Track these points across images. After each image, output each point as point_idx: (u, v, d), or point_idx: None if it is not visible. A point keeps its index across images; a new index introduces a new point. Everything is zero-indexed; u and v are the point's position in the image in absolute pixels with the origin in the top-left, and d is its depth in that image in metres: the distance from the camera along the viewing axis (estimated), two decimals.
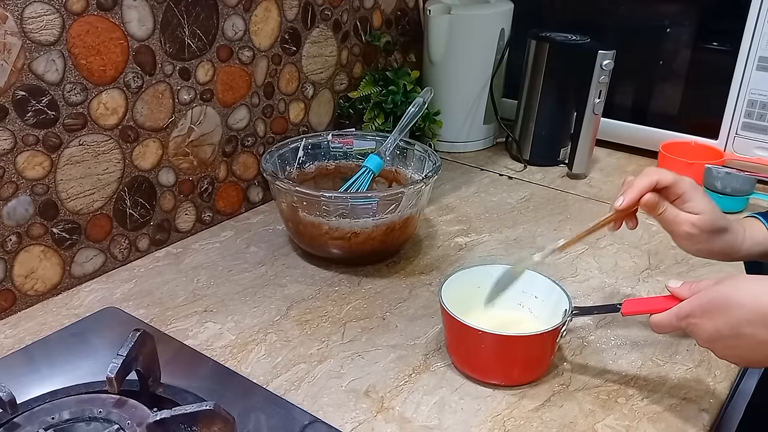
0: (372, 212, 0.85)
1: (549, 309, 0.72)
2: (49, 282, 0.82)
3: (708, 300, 0.57)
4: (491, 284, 0.73)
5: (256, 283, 0.86)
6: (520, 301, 0.75)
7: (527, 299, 0.75)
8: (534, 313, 0.75)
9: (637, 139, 1.28)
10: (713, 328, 0.56)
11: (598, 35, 1.17)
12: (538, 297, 0.74)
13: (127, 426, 0.57)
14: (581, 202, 1.11)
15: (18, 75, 0.73)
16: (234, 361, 0.72)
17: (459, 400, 0.67)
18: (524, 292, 0.75)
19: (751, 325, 0.54)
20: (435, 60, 1.24)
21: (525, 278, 0.74)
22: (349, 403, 0.66)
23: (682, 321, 0.59)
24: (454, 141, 1.30)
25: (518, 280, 0.73)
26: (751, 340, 0.55)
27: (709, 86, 1.17)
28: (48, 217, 0.79)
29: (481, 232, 1.00)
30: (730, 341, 0.56)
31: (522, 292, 0.75)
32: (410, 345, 0.75)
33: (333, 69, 1.15)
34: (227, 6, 0.93)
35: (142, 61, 0.84)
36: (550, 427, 0.64)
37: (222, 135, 0.98)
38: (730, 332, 0.55)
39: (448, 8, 1.20)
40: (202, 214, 0.99)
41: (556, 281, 0.73)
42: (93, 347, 0.73)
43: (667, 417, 0.65)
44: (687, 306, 0.59)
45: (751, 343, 0.55)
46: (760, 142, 1.14)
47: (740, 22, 1.10)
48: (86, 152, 0.81)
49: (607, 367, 0.72)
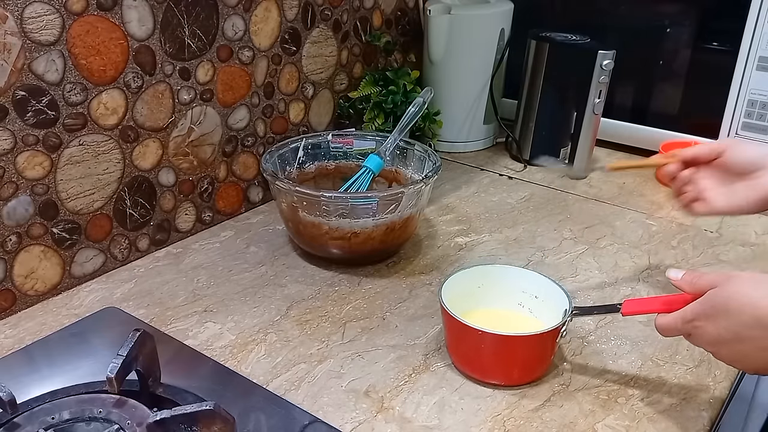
0: (372, 212, 0.85)
1: (549, 309, 0.72)
2: (49, 282, 0.82)
3: (711, 305, 0.57)
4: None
5: (256, 283, 0.86)
6: (520, 301, 0.75)
7: (527, 299, 0.75)
8: (534, 313, 0.75)
9: (637, 139, 1.27)
10: (716, 331, 0.56)
11: (598, 35, 1.17)
12: (539, 297, 0.74)
13: (127, 426, 0.57)
14: (581, 202, 1.11)
15: (18, 75, 0.73)
16: (234, 361, 0.72)
17: (459, 400, 0.67)
18: (524, 292, 0.75)
19: (751, 330, 0.54)
20: (435, 60, 1.25)
21: (525, 278, 0.75)
22: (349, 403, 0.66)
23: (687, 324, 0.59)
24: (454, 141, 1.30)
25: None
26: (752, 345, 0.54)
27: (709, 86, 1.17)
28: (48, 217, 0.79)
29: (481, 232, 1.00)
30: (733, 346, 0.56)
31: (522, 291, 0.75)
32: (410, 345, 0.75)
33: (333, 69, 1.15)
34: (227, 6, 0.93)
35: (142, 61, 0.84)
36: (550, 427, 0.64)
37: (222, 135, 0.98)
38: (732, 337, 0.55)
39: (448, 8, 1.20)
40: (202, 214, 0.99)
41: (555, 281, 0.73)
42: (93, 347, 0.73)
43: (667, 417, 0.65)
44: (691, 310, 0.59)
45: (752, 348, 0.55)
46: (760, 142, 1.14)
47: (740, 22, 1.10)
48: (86, 152, 0.81)
49: (607, 367, 0.72)
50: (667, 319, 0.61)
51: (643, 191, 1.15)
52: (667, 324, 0.61)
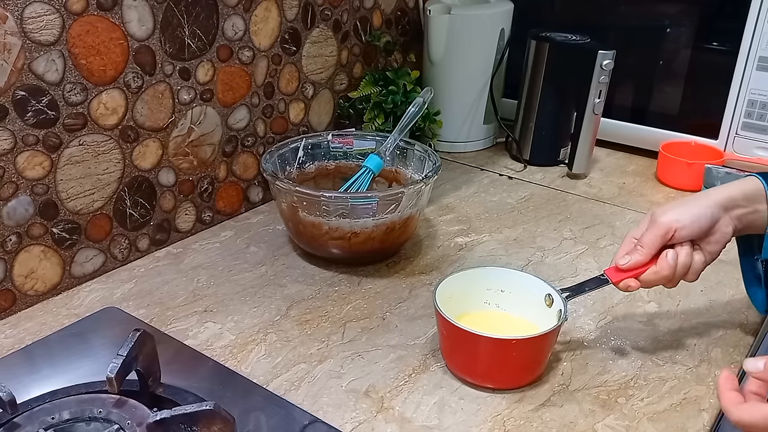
0: (372, 212, 0.85)
1: (521, 301, 0.73)
2: (49, 282, 0.82)
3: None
4: None
5: (256, 283, 0.86)
6: (486, 300, 0.75)
7: (493, 296, 0.75)
8: (502, 308, 0.75)
9: (637, 139, 1.28)
10: None
11: (598, 35, 1.17)
12: (505, 291, 0.75)
13: (127, 426, 0.57)
14: (581, 202, 1.11)
15: (18, 75, 0.73)
16: (234, 361, 0.72)
17: (459, 400, 0.67)
18: (489, 290, 0.75)
19: None
20: (435, 60, 1.24)
21: (489, 276, 0.75)
22: (349, 403, 0.66)
23: None
24: (454, 141, 1.30)
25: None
26: None
27: (709, 86, 1.17)
28: (48, 217, 0.79)
29: (481, 232, 1.00)
30: None
31: (486, 289, 0.75)
32: (410, 345, 0.75)
33: (333, 69, 1.15)
34: (227, 6, 0.93)
35: (142, 61, 0.84)
36: (550, 427, 0.64)
37: (222, 135, 0.98)
38: None
39: (448, 8, 1.20)
40: (202, 214, 0.99)
41: (524, 271, 0.73)
42: (93, 347, 0.73)
43: (667, 417, 0.65)
44: None
45: None
46: (760, 142, 1.14)
47: (740, 22, 1.10)
48: (86, 152, 0.81)
49: (607, 367, 0.72)
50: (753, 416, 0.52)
51: (643, 191, 1.15)
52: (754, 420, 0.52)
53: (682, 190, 1.15)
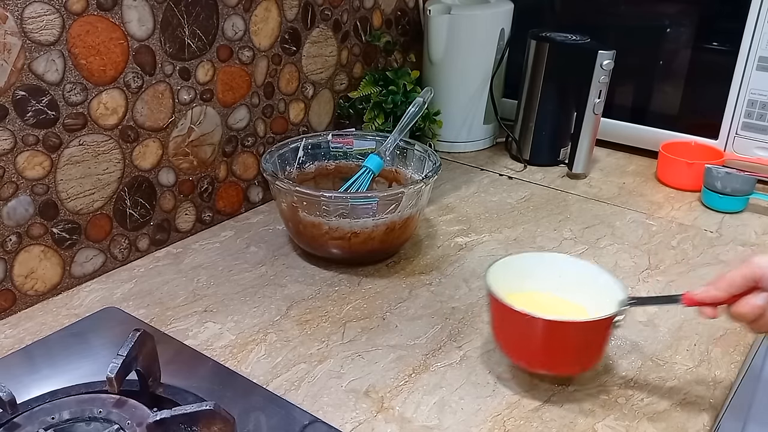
0: (372, 212, 0.85)
1: (592, 296, 0.70)
2: (49, 282, 0.82)
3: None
4: None
5: (256, 283, 0.86)
6: (559, 287, 0.73)
7: (563, 285, 0.73)
8: (570, 297, 0.73)
9: (637, 139, 1.28)
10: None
11: (598, 35, 1.17)
12: (578, 283, 0.72)
13: (127, 426, 0.57)
14: (581, 202, 1.11)
15: (18, 75, 0.73)
16: (234, 361, 0.72)
17: (459, 400, 0.67)
18: (561, 277, 0.73)
19: None
20: (435, 60, 1.25)
21: (566, 263, 0.74)
22: (349, 403, 0.66)
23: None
24: (454, 141, 1.30)
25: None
26: None
27: (709, 86, 1.17)
28: (48, 217, 0.79)
29: (481, 232, 1.00)
30: None
31: (559, 276, 0.73)
32: (410, 345, 0.75)
33: (333, 69, 1.15)
34: (227, 6, 0.93)
35: (142, 61, 0.84)
36: (550, 427, 0.64)
37: (222, 135, 0.98)
38: None
39: (448, 8, 1.20)
40: (202, 214, 0.99)
41: (604, 268, 0.71)
42: (93, 347, 0.73)
43: (667, 417, 0.65)
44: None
45: None
46: (760, 142, 1.14)
47: (740, 22, 1.10)
48: (86, 152, 0.81)
49: (607, 367, 0.72)
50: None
51: (643, 191, 1.15)
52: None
53: (683, 190, 1.15)
